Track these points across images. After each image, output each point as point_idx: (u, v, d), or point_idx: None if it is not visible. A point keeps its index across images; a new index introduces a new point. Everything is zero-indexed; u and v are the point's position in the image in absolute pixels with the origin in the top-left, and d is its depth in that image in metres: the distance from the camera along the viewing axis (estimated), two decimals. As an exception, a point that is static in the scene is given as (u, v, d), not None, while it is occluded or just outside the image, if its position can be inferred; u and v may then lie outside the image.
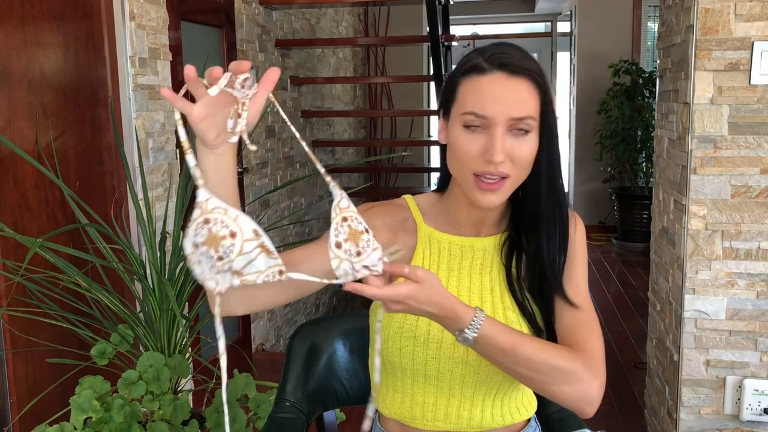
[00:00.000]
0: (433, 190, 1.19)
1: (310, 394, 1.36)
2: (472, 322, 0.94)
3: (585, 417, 1.14)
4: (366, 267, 0.88)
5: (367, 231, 0.88)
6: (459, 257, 1.12)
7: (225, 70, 0.79)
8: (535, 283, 1.10)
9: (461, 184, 1.06)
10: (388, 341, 1.11)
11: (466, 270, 1.12)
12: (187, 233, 0.83)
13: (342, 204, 0.88)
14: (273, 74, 0.82)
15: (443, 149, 1.10)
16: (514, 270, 1.11)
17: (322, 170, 0.90)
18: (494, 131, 0.99)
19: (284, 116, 0.90)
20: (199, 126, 0.82)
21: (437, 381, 1.11)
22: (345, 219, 0.87)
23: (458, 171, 1.05)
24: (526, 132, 1.00)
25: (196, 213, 0.82)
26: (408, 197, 1.19)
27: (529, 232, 1.10)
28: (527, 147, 1.01)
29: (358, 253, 0.87)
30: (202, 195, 0.82)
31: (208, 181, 0.85)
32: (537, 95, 1.02)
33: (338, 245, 0.87)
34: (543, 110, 1.02)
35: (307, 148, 0.92)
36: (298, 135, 0.91)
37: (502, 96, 0.99)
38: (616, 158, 5.90)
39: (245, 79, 0.79)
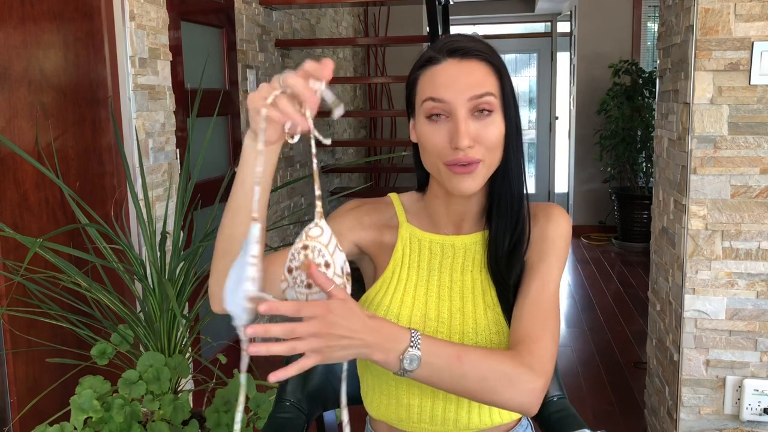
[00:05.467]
0: (415, 190, 1.19)
1: (310, 394, 1.36)
2: (413, 340, 0.88)
3: (529, 416, 1.12)
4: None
5: (327, 266, 0.82)
6: (440, 256, 1.12)
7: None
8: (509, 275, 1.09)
9: (437, 177, 1.06)
10: None
11: (447, 269, 1.12)
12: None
13: (312, 232, 0.84)
14: (328, 68, 0.81)
15: (416, 149, 1.10)
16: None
17: (318, 192, 0.86)
18: (456, 116, 0.99)
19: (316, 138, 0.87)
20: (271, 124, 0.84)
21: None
22: (305, 247, 0.82)
23: (430, 164, 1.05)
24: (490, 112, 1.00)
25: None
26: (393, 195, 1.19)
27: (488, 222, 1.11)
28: (493, 128, 1.01)
29: (309, 285, 0.82)
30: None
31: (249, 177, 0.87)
32: (493, 74, 1.02)
33: (290, 270, 0.83)
34: (501, 88, 1.02)
35: (316, 174, 0.89)
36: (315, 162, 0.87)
37: (457, 78, 1.00)
38: (616, 158, 5.90)
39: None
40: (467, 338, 1.08)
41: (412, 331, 0.89)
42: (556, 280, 1.08)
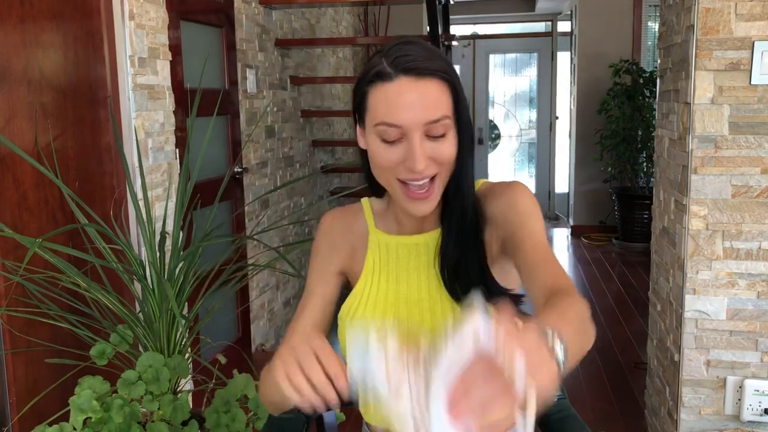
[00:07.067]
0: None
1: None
2: (549, 335, 0.77)
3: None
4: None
5: None
6: (406, 257, 1.13)
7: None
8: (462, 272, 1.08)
9: (390, 193, 1.06)
10: None
11: (414, 268, 1.12)
12: None
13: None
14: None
15: (363, 154, 1.08)
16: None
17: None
18: (411, 139, 0.97)
19: None
20: None
21: None
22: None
23: (383, 179, 1.04)
24: (444, 135, 0.99)
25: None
26: (365, 201, 1.20)
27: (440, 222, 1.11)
28: (448, 147, 1.00)
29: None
30: None
31: None
32: (448, 93, 0.99)
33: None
34: (455, 107, 1.01)
35: None
36: None
37: (413, 102, 0.96)
38: (617, 158, 5.90)
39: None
40: (440, 335, 1.07)
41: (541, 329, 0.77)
42: (541, 231, 1.05)
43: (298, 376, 0.78)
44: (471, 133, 1.05)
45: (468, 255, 1.08)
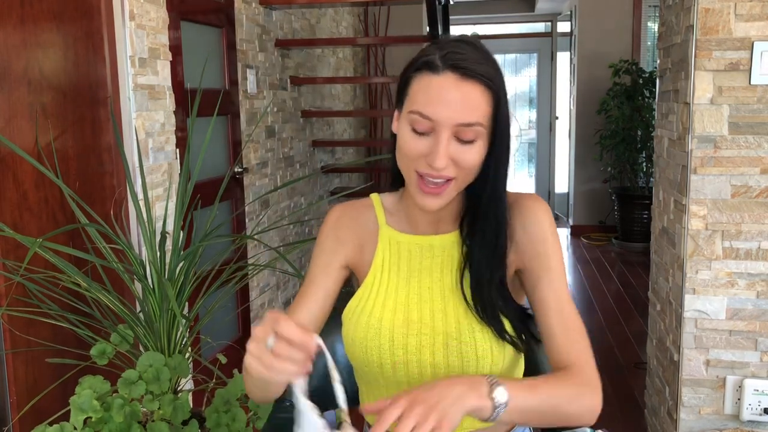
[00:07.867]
0: (400, 188, 1.18)
1: (310, 394, 1.36)
2: (490, 379, 0.90)
3: (587, 426, 1.14)
4: None
5: None
6: (419, 257, 1.12)
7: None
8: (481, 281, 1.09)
9: (407, 181, 1.05)
10: (355, 351, 1.11)
11: (427, 269, 1.11)
12: None
13: None
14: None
15: (394, 138, 1.07)
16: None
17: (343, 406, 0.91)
18: (439, 135, 0.97)
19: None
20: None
21: (409, 386, 1.09)
22: None
23: (404, 166, 1.04)
24: (473, 141, 0.98)
25: None
26: (374, 197, 1.19)
27: (466, 232, 1.10)
28: (473, 153, 0.99)
29: None
30: None
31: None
32: (489, 100, 0.98)
33: None
34: (494, 116, 0.99)
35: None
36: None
37: (451, 100, 0.96)
38: (616, 158, 5.90)
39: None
40: (450, 338, 1.07)
41: (486, 375, 0.92)
42: (565, 281, 1.08)
43: (263, 354, 0.84)
44: (508, 144, 1.03)
45: (494, 265, 1.07)
